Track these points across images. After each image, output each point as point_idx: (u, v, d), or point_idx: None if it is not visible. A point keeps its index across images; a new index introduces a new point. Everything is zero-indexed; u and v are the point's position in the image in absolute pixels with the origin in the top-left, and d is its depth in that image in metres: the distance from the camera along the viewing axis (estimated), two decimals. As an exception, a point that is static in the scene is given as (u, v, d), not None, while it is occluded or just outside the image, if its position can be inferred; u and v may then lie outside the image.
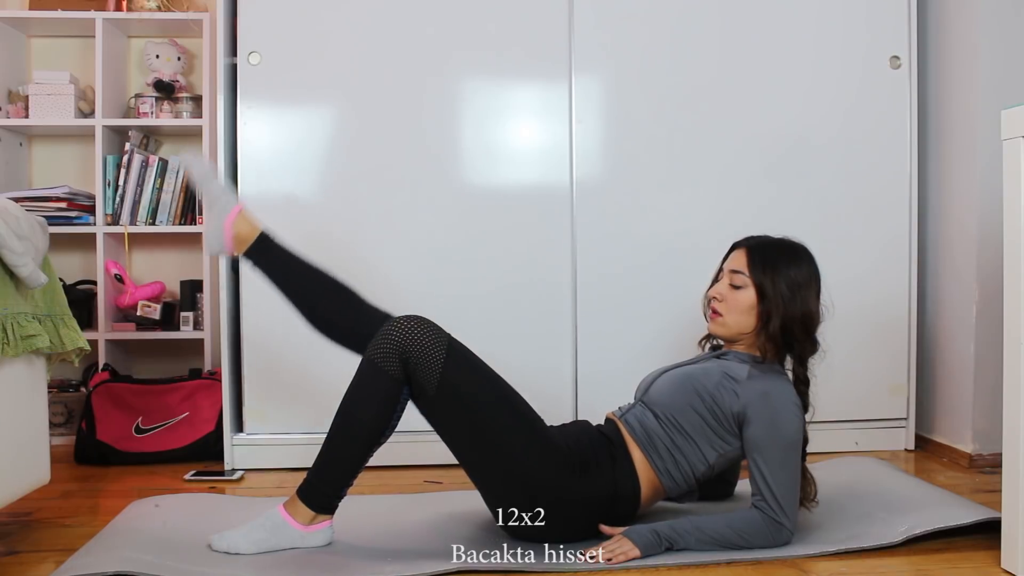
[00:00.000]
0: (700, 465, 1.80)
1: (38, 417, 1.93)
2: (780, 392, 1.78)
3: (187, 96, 3.08)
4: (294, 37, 2.58)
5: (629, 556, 1.67)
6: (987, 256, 2.50)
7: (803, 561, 1.70)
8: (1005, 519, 1.65)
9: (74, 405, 2.94)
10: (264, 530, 1.75)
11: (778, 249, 1.85)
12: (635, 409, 1.88)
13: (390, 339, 1.71)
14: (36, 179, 3.20)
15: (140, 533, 1.84)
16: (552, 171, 2.63)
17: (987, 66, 2.51)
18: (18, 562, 1.76)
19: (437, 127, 2.61)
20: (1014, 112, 1.63)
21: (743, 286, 1.83)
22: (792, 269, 1.82)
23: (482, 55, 2.63)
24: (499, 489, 1.78)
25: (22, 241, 1.77)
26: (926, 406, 2.78)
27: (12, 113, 3.02)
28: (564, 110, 2.63)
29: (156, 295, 3.05)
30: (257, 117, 2.57)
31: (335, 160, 2.60)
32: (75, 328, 1.99)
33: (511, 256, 2.61)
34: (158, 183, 3.01)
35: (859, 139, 2.70)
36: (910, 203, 2.72)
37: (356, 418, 1.74)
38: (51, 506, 2.16)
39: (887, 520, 1.87)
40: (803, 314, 1.80)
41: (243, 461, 2.57)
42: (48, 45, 3.19)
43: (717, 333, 1.89)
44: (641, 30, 2.65)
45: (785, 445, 1.73)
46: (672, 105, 2.65)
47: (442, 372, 1.70)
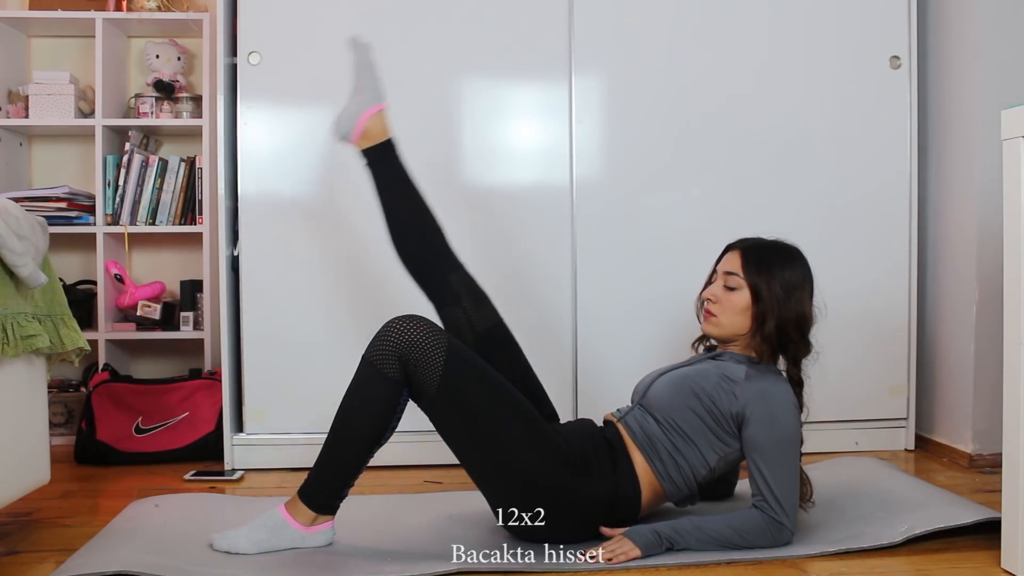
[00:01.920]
0: (701, 468, 1.80)
1: (38, 417, 1.93)
2: (778, 392, 1.78)
3: (187, 96, 3.08)
4: (294, 37, 2.58)
5: (630, 556, 1.67)
6: (987, 256, 2.50)
7: (803, 561, 1.70)
8: (1005, 519, 1.65)
9: (74, 405, 2.94)
10: (265, 530, 1.75)
11: (772, 251, 1.86)
12: (634, 412, 1.88)
13: (389, 341, 1.71)
14: (36, 179, 3.20)
15: (140, 533, 1.84)
16: (552, 171, 2.63)
17: (987, 66, 2.51)
18: (18, 562, 1.76)
19: (437, 127, 2.61)
20: (1014, 112, 1.63)
21: (737, 287, 1.84)
22: (786, 271, 1.82)
23: (482, 55, 2.63)
24: (500, 488, 1.78)
25: (22, 241, 1.77)
26: (926, 406, 2.78)
27: (12, 113, 3.02)
28: (564, 110, 2.63)
29: (156, 295, 3.05)
30: (257, 117, 2.57)
31: (335, 160, 2.60)
32: (75, 328, 1.99)
33: (511, 256, 2.61)
34: (158, 183, 3.01)
35: (859, 139, 2.70)
36: (910, 203, 2.72)
37: (356, 419, 1.73)
38: (51, 506, 2.16)
39: (887, 520, 1.87)
40: (797, 315, 1.81)
41: (243, 461, 2.57)
42: (48, 45, 3.19)
43: (711, 334, 1.90)
44: (641, 30, 2.65)
45: (784, 444, 1.74)
46: (672, 105, 2.65)
47: (442, 373, 1.69)
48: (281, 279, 2.58)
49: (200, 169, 3.01)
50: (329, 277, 2.60)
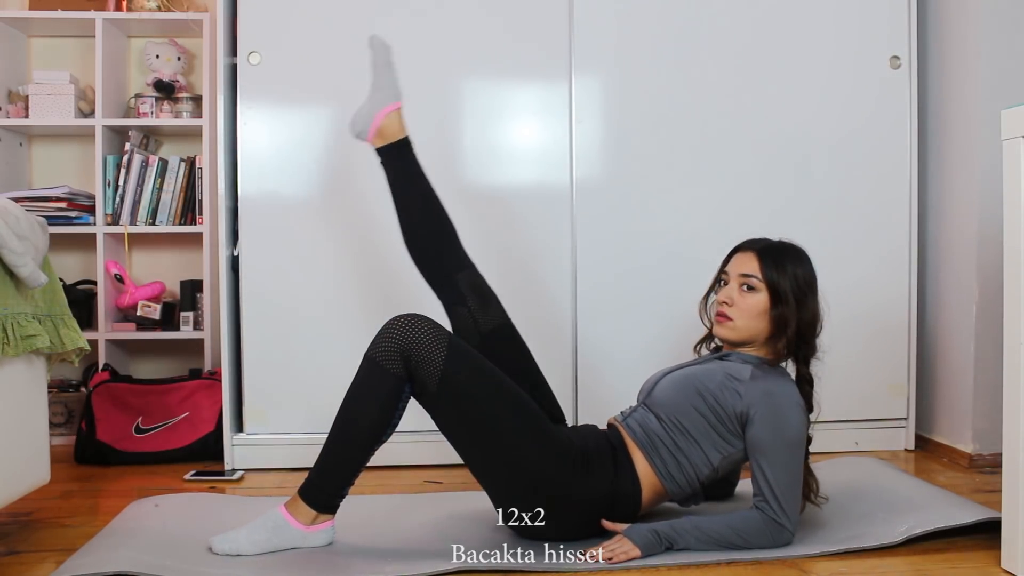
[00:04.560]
0: (704, 467, 1.80)
1: (38, 417, 1.93)
2: (783, 392, 1.78)
3: (187, 96, 3.08)
4: (294, 37, 2.58)
5: (630, 556, 1.67)
6: (987, 256, 2.50)
7: (803, 561, 1.70)
8: (1005, 519, 1.65)
9: (74, 405, 2.94)
10: (265, 530, 1.75)
11: (784, 252, 1.85)
12: (637, 412, 1.88)
13: (391, 337, 1.72)
14: (36, 179, 3.20)
15: (140, 533, 1.84)
16: (552, 171, 2.63)
17: (987, 66, 2.51)
18: (18, 562, 1.76)
19: (437, 127, 2.60)
20: (1014, 112, 1.63)
21: (756, 289, 1.82)
22: (799, 271, 1.82)
23: (482, 55, 2.63)
24: (502, 485, 1.79)
25: (22, 241, 1.77)
26: (926, 406, 2.78)
27: (12, 113, 3.02)
28: (564, 110, 2.63)
29: (156, 295, 3.05)
30: (257, 117, 2.57)
31: (335, 160, 2.60)
32: (75, 328, 1.98)
33: (511, 256, 2.61)
34: (158, 183, 3.01)
35: (859, 139, 2.70)
36: (910, 203, 2.72)
37: (358, 416, 1.74)
38: (51, 506, 2.16)
39: (887, 520, 1.87)
40: (812, 316, 1.81)
41: (243, 461, 2.57)
42: (48, 45, 3.19)
43: (726, 337, 1.87)
44: (641, 30, 2.65)
45: (788, 445, 1.73)
46: (672, 105, 2.65)
47: (443, 369, 1.69)
48: (281, 279, 2.58)
49: (200, 169, 3.01)
50: (329, 277, 2.60)
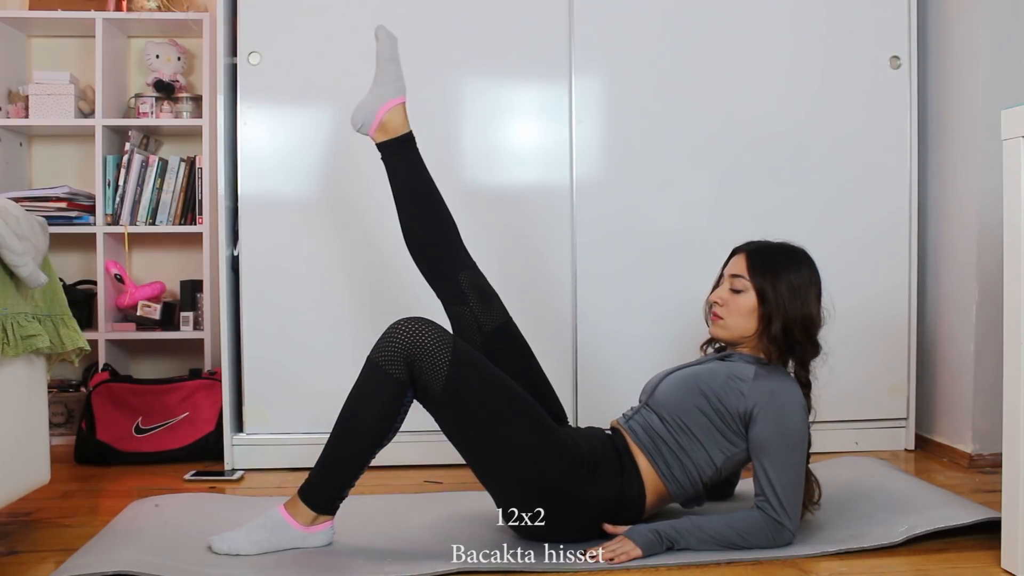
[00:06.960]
0: (707, 468, 1.80)
1: (38, 417, 1.93)
2: (787, 392, 1.78)
3: (187, 96, 3.08)
4: (294, 37, 2.58)
5: (631, 556, 1.67)
6: (987, 256, 2.50)
7: (803, 561, 1.70)
8: (1005, 519, 1.65)
9: (74, 405, 2.94)
10: (265, 530, 1.75)
11: (778, 253, 1.86)
12: (640, 413, 1.88)
13: (395, 342, 1.71)
14: (36, 179, 3.20)
15: (140, 533, 1.84)
16: (552, 171, 2.63)
17: (987, 66, 2.51)
18: (18, 562, 1.76)
19: (437, 127, 2.60)
20: (1014, 112, 1.63)
21: (743, 290, 1.84)
22: (792, 272, 1.82)
23: (482, 55, 2.63)
24: (507, 488, 1.78)
25: (22, 241, 1.77)
26: (926, 406, 2.78)
27: (12, 113, 3.02)
28: (564, 110, 2.63)
29: (156, 295, 3.05)
30: (257, 117, 2.57)
31: (335, 160, 2.60)
32: (75, 328, 1.98)
33: (511, 256, 2.61)
34: (158, 183, 3.01)
35: (859, 139, 2.70)
36: (910, 203, 2.72)
37: (359, 419, 1.73)
38: (51, 506, 2.16)
39: (887, 520, 1.87)
40: (803, 317, 1.81)
41: (243, 461, 2.57)
42: (48, 45, 3.19)
43: (719, 336, 1.90)
44: (641, 30, 2.65)
45: (791, 445, 1.73)
46: (672, 105, 2.65)
47: (448, 374, 1.69)
48: (281, 279, 2.58)
49: (200, 169, 3.01)
50: (329, 277, 2.60)
